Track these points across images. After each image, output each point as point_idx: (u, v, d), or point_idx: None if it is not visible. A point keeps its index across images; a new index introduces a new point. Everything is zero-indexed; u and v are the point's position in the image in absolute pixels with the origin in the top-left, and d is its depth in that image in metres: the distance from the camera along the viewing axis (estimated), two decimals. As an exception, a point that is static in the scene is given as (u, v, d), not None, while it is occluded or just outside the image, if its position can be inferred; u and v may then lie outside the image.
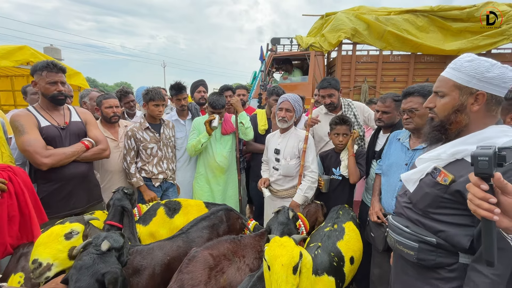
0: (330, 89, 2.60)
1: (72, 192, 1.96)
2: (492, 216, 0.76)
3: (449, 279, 1.04)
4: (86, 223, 1.49)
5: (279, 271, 1.13)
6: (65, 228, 1.35)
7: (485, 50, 5.82)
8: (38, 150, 1.77)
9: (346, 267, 1.70)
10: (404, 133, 1.85)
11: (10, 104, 5.42)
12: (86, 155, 2.01)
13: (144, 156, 2.49)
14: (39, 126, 1.86)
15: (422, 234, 1.07)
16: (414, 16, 6.03)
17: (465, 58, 1.02)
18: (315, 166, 2.28)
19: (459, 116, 1.03)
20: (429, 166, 1.09)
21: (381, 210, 1.83)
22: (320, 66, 6.54)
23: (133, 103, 3.32)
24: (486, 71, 0.97)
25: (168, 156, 2.61)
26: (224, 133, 2.74)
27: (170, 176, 2.61)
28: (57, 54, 10.86)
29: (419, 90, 1.69)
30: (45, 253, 1.25)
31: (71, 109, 2.11)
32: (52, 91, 1.90)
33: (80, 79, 4.89)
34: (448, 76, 1.05)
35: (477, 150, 0.77)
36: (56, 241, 1.29)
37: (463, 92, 1.01)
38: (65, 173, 1.91)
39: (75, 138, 2.01)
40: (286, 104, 2.28)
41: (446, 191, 1.01)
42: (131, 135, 2.43)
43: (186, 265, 1.42)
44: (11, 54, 3.75)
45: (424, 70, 6.19)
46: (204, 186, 2.75)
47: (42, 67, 1.86)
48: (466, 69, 1.00)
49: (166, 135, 2.61)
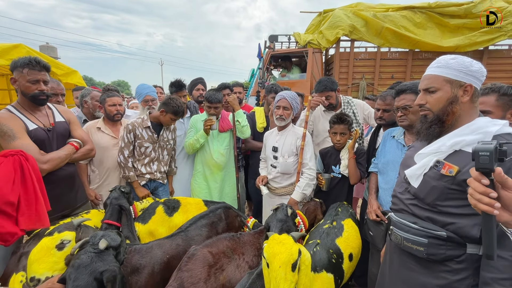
0: (327, 92, 2.55)
1: (61, 194, 1.92)
2: (492, 210, 0.77)
3: (458, 270, 1.06)
4: (77, 227, 1.45)
5: (278, 269, 1.13)
6: (55, 240, 1.32)
7: (482, 47, 5.83)
8: (35, 156, 1.68)
9: (345, 264, 1.70)
10: (398, 131, 1.86)
11: (6, 103, 5.36)
12: (76, 156, 1.97)
13: (136, 153, 2.44)
14: (27, 129, 1.76)
15: (431, 229, 1.08)
16: (412, 12, 6.03)
17: (448, 57, 1.13)
18: (313, 164, 2.28)
19: (454, 106, 1.10)
20: (431, 160, 1.12)
21: (379, 208, 1.83)
22: (318, 63, 6.54)
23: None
24: (470, 65, 1.08)
25: (161, 159, 2.55)
26: (222, 130, 2.73)
27: (158, 177, 2.54)
28: (53, 52, 10.75)
29: (411, 87, 1.71)
30: (40, 269, 1.23)
31: (53, 108, 2.02)
32: (33, 90, 1.77)
33: (77, 78, 4.84)
34: (437, 73, 1.13)
35: (479, 145, 0.77)
36: (49, 255, 1.27)
37: (454, 85, 1.10)
38: (53, 176, 1.84)
39: (61, 139, 1.94)
40: (284, 102, 2.27)
41: (453, 182, 1.04)
42: (131, 129, 2.38)
43: (185, 263, 1.42)
44: (6, 53, 3.69)
45: (422, 67, 6.19)
46: (202, 183, 2.74)
47: (24, 64, 1.74)
48: (453, 65, 1.10)
49: (165, 137, 2.54)
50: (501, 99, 1.53)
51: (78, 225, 1.46)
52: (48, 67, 1.86)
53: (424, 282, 1.13)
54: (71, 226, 1.44)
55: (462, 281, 1.05)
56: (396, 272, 1.26)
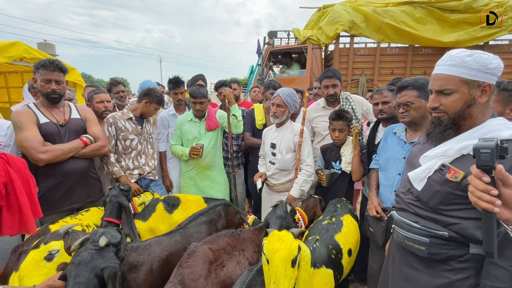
0: (335, 79, 2.61)
1: (72, 188, 1.98)
2: (493, 208, 0.76)
3: (460, 269, 1.04)
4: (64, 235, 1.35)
5: (277, 265, 1.13)
6: (42, 252, 1.31)
7: (482, 42, 5.81)
8: (34, 146, 1.79)
9: (344, 259, 1.71)
10: (400, 127, 1.85)
11: (5, 101, 5.35)
12: (85, 151, 2.02)
13: (121, 147, 2.34)
14: (38, 122, 1.88)
15: (433, 229, 1.07)
16: (412, 7, 5.99)
17: (463, 53, 1.02)
18: (311, 160, 2.28)
19: (472, 109, 1.02)
20: (436, 163, 1.08)
21: (380, 204, 1.84)
22: (318, 59, 6.51)
23: (123, 93, 3.24)
24: (489, 63, 0.98)
25: (147, 152, 2.48)
26: (209, 129, 2.67)
27: (148, 172, 2.45)
28: (52, 50, 10.65)
29: (412, 83, 1.69)
30: (32, 282, 1.23)
31: (72, 106, 2.13)
32: (46, 89, 1.91)
33: (76, 75, 4.81)
34: (451, 73, 1.03)
35: (479, 143, 0.77)
36: (38, 267, 1.28)
37: (472, 86, 1.01)
38: (64, 169, 1.93)
39: (74, 135, 2.02)
40: (277, 99, 2.27)
41: (457, 187, 1.01)
42: (112, 122, 2.29)
43: (186, 259, 1.42)
44: (4, 50, 3.68)
45: (422, 63, 6.18)
46: (189, 183, 2.71)
47: (40, 65, 1.90)
48: (470, 64, 0.99)
49: (147, 130, 2.51)
50: (501, 94, 1.53)
51: (65, 233, 1.36)
52: (63, 68, 1.97)
53: (426, 281, 1.12)
54: (58, 235, 1.40)
55: (464, 280, 1.04)
56: (399, 270, 1.26)
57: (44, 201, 1.88)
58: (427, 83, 1.64)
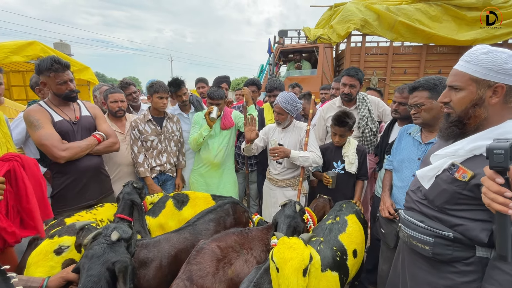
0: (356, 80, 2.58)
1: (86, 185, 2.02)
2: (507, 210, 0.75)
3: (465, 272, 1.02)
4: (79, 230, 1.38)
5: (290, 276, 1.09)
6: (54, 244, 1.34)
7: (501, 40, 5.60)
8: (55, 143, 1.82)
9: (350, 260, 1.68)
10: (415, 127, 1.81)
11: (23, 99, 5.54)
12: (98, 148, 2.07)
13: (144, 148, 2.52)
14: (53, 121, 1.91)
15: (438, 229, 1.05)
16: (426, 5, 5.83)
17: (481, 50, 0.99)
18: (319, 152, 2.32)
19: (477, 110, 1.00)
20: (446, 162, 1.06)
21: (393, 205, 1.80)
22: (329, 58, 6.43)
23: (135, 95, 3.27)
24: (505, 63, 0.94)
25: (169, 150, 2.63)
26: (224, 128, 2.71)
27: (168, 169, 2.61)
28: (67, 49, 10.98)
29: (423, 84, 1.64)
30: (37, 272, 1.25)
31: (80, 104, 2.16)
32: (64, 91, 1.93)
33: (89, 74, 4.94)
34: (463, 69, 1.02)
35: (493, 143, 0.75)
36: (46, 259, 1.29)
37: (481, 85, 0.98)
38: (79, 166, 1.96)
39: (86, 132, 2.06)
40: (277, 107, 2.32)
41: (465, 187, 0.99)
42: (135, 126, 2.49)
43: (194, 256, 1.44)
44: (22, 50, 3.80)
45: (437, 62, 6.01)
46: (198, 179, 2.75)
47: (47, 68, 1.84)
48: (482, 62, 0.96)
49: (169, 128, 2.63)
50: None
51: (80, 228, 1.39)
52: (68, 64, 1.97)
53: (431, 281, 1.11)
54: (73, 230, 1.42)
55: (469, 284, 1.01)
56: (406, 269, 1.25)
57: (60, 198, 1.95)
58: (439, 83, 1.59)
